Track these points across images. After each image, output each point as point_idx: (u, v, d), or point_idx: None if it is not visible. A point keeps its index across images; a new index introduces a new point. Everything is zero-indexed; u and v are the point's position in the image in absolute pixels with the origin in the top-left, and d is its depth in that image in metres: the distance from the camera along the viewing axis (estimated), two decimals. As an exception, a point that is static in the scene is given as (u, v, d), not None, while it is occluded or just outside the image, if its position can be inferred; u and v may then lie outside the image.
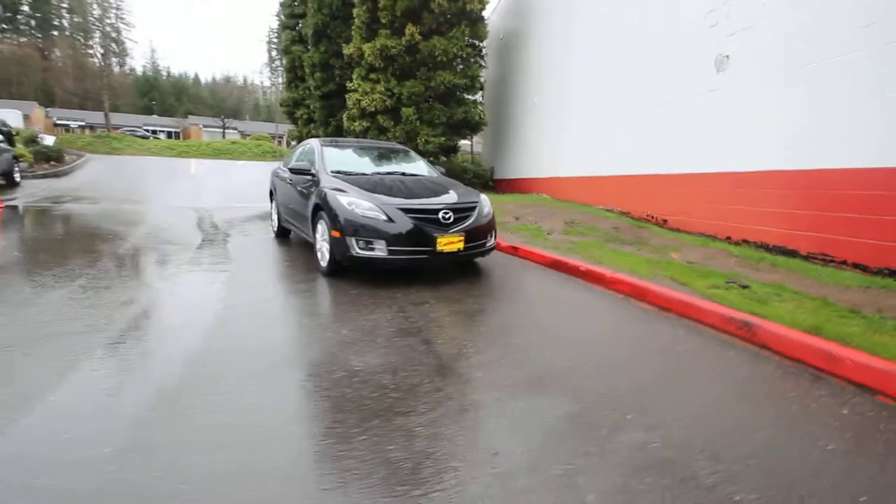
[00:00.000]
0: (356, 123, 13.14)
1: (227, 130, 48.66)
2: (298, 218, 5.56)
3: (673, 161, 6.82)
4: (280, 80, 69.59)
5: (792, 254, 4.97)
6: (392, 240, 4.16)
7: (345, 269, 4.54)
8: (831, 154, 4.68)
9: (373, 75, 13.07)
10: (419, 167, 5.85)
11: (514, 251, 5.96)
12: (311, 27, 16.01)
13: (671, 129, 6.91)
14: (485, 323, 3.47)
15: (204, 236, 6.72)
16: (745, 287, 4.21)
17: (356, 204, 4.29)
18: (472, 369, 2.62)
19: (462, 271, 4.94)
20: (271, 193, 7.09)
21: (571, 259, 5.12)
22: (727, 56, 5.86)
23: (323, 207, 4.55)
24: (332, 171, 5.11)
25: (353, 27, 13.76)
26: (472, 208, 4.61)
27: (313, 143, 5.88)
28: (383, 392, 2.34)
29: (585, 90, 9.44)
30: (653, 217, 7.29)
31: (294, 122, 19.77)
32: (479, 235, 4.57)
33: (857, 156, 4.45)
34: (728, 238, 5.86)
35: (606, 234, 6.88)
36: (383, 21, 13.19)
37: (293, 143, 20.76)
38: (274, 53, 68.17)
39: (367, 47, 12.80)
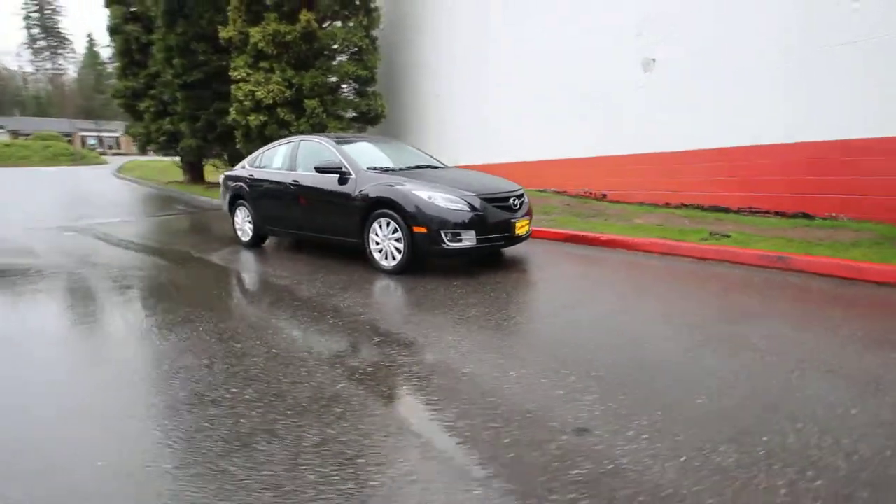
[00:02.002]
0: (251, 118, 11.87)
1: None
2: (320, 221, 5.18)
3: (608, 145, 8.13)
4: (51, 65, 56.00)
5: (725, 210, 6.60)
6: (480, 228, 4.32)
7: (411, 265, 4.51)
8: (746, 135, 6.34)
9: (264, 63, 11.92)
10: (427, 158, 5.92)
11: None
12: (163, 4, 13.58)
13: (605, 118, 8.19)
14: (614, 284, 4.02)
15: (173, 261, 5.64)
16: (726, 236, 5.53)
17: (435, 197, 4.31)
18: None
19: (495, 258, 5.27)
20: (234, 202, 6.29)
21: (587, 232, 5.90)
22: (653, 59, 7.27)
23: (391, 205, 4.42)
24: (368, 168, 4.92)
25: (231, 7, 12.26)
26: (523, 193, 5.00)
27: (316, 141, 5.50)
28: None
29: (510, 83, 10.31)
30: (591, 193, 8.57)
31: (136, 116, 16.48)
32: (530, 218, 5.00)
33: (766, 135, 6.16)
34: (667, 204, 7.37)
35: (566, 210, 7.89)
36: (268, 2, 12.12)
37: (135, 141, 17.31)
38: (36, 31, 54.24)
39: (255, 32, 11.58)
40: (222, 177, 6.74)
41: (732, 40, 6.41)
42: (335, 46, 11.59)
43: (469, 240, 4.29)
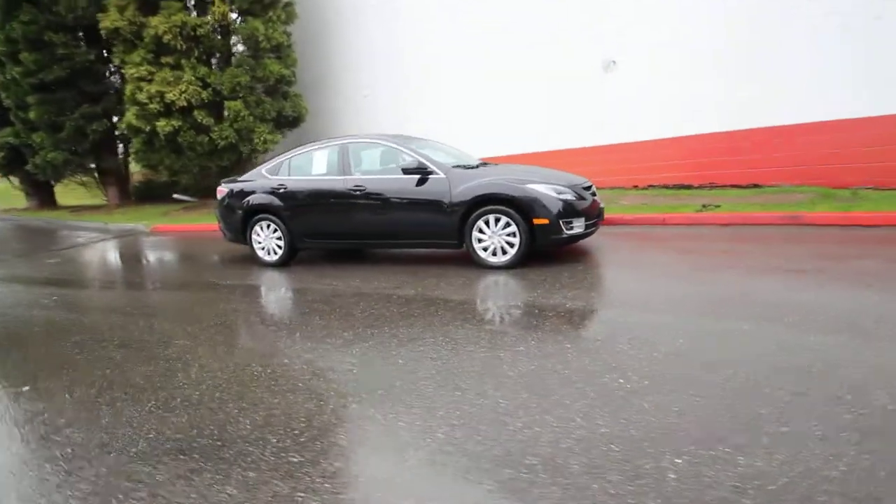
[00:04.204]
0: (160, 123, 10.04)
1: None
2: (396, 227, 4.89)
3: (572, 139, 8.99)
4: None
5: (689, 187, 7.90)
6: (586, 216, 4.59)
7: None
8: (700, 124, 7.71)
9: (167, 59, 10.18)
10: (463, 154, 5.91)
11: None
12: (-4, -17, 10.53)
13: (565, 113, 9.02)
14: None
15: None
16: (717, 206, 6.71)
17: (549, 189, 4.44)
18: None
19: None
20: (249, 219, 5.50)
21: (609, 215, 6.57)
22: (614, 61, 8.29)
23: (505, 201, 4.41)
24: (454, 166, 4.82)
25: (113, -9, 10.14)
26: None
27: (374, 141, 5.26)
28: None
29: (460, 83, 10.54)
30: (558, 182, 9.39)
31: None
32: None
33: (717, 123, 7.58)
34: (636, 186, 8.49)
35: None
36: (167, -11, 10.42)
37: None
38: None
39: (156, 22, 9.82)
40: (225, 191, 5.75)
41: (685, 40, 7.70)
42: (262, 43, 10.46)
43: (579, 226, 4.53)
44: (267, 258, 5.54)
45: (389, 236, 5.00)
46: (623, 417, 1.92)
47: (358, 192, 4.94)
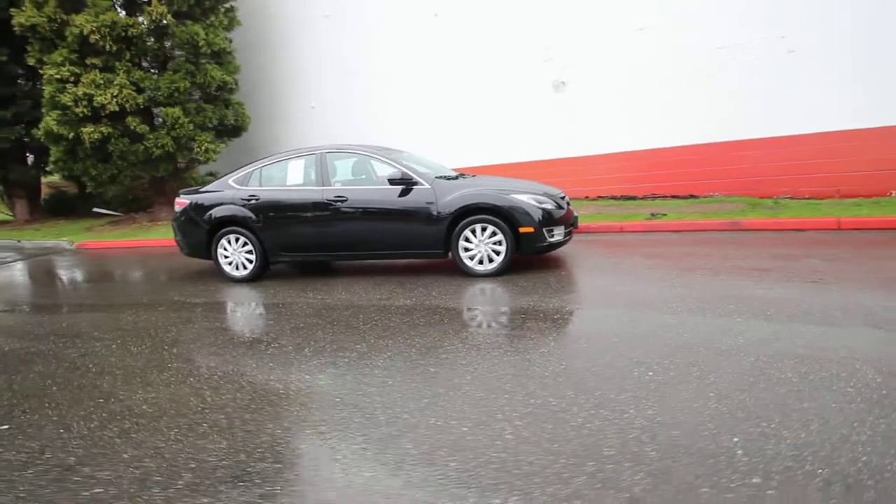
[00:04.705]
0: (87, 129, 9.13)
1: None
2: (380, 238, 4.85)
3: (525, 153, 9.40)
4: None
5: (634, 198, 8.54)
6: (565, 223, 4.83)
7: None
8: (643, 141, 8.40)
9: (94, 60, 9.33)
10: (440, 165, 5.99)
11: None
12: None
13: (532, 130, 9.41)
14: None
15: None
16: (663, 215, 7.32)
17: (532, 199, 4.63)
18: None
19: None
20: (215, 232, 5.18)
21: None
22: (563, 82, 8.82)
23: (491, 210, 4.54)
24: (437, 177, 4.88)
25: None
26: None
27: (352, 151, 5.21)
28: None
29: (411, 98, 10.62)
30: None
31: None
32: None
33: (661, 141, 8.30)
34: (587, 196, 9.03)
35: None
36: (95, -14, 9.59)
37: None
38: None
39: (81, 20, 8.99)
40: (186, 203, 5.34)
41: (629, 66, 8.38)
42: (202, 48, 9.90)
43: (559, 234, 4.76)
44: (234, 273, 5.23)
45: (373, 247, 4.94)
46: (670, 406, 2.07)
47: (339, 203, 4.84)
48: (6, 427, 2.33)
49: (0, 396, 2.70)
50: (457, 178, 5.14)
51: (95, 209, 11.13)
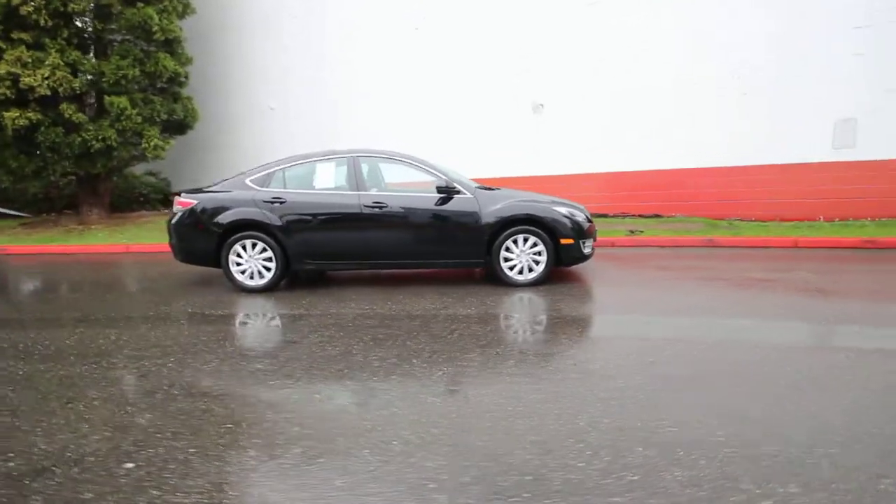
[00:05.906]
0: (11, 114, 7.76)
1: None
2: (418, 246, 4.74)
3: (501, 168, 9.70)
4: None
5: (605, 215, 9.16)
6: (593, 236, 5.07)
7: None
8: (613, 164, 9.08)
9: (23, 35, 8.01)
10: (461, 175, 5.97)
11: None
12: None
13: (511, 149, 9.70)
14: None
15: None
16: (641, 231, 7.95)
17: (570, 211, 4.81)
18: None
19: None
20: (228, 237, 4.68)
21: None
22: (542, 104, 9.28)
23: (535, 222, 4.64)
24: (477, 187, 4.88)
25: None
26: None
27: (387, 157, 5.03)
28: None
29: (384, 109, 10.47)
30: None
31: None
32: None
33: (624, 164, 9.02)
34: (560, 213, 9.51)
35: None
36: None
37: None
38: None
39: (8, -13, 7.65)
40: (192, 203, 4.73)
41: (602, 94, 9.06)
42: (156, 34, 8.93)
43: (590, 246, 4.99)
44: (248, 282, 4.75)
45: (409, 255, 4.78)
46: (759, 402, 2.29)
47: (377, 209, 4.64)
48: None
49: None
50: (492, 189, 5.18)
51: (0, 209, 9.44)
